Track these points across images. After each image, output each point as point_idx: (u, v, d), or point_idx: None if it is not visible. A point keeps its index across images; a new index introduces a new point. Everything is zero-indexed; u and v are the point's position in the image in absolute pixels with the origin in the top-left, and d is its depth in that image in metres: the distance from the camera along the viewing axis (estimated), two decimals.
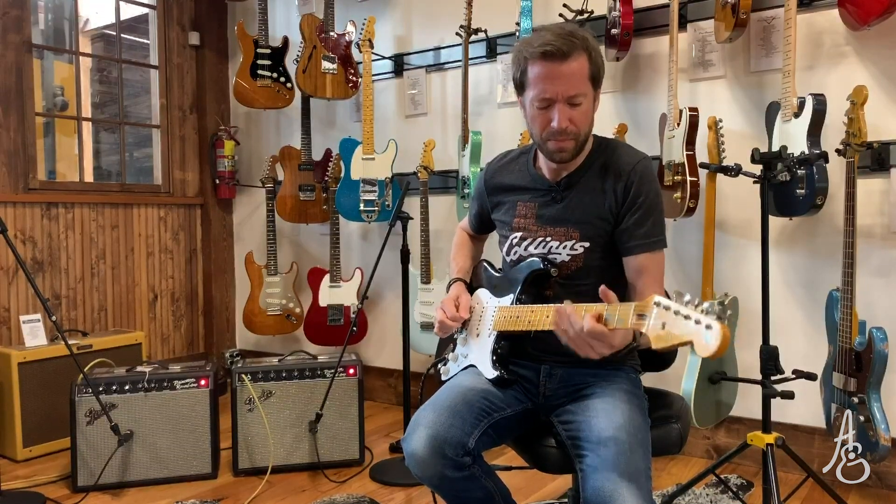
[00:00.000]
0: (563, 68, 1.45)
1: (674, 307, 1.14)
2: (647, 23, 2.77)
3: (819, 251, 2.50)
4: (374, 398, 3.66)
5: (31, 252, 3.33)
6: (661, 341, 1.15)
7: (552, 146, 1.52)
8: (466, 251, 1.88)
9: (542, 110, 1.50)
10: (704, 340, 1.07)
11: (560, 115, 1.48)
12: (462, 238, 1.92)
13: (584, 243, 1.56)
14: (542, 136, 1.53)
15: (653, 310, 1.18)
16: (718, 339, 1.05)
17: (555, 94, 1.47)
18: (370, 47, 3.28)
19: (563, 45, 1.44)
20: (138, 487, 2.54)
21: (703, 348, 1.07)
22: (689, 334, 1.10)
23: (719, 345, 1.05)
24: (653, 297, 1.19)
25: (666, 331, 1.14)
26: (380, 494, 2.45)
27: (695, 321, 1.09)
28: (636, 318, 1.21)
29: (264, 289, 3.62)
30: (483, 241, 1.94)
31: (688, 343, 1.11)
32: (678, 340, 1.12)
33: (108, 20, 4.23)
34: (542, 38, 1.46)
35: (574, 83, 1.46)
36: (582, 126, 1.51)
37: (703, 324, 1.08)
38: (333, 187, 3.40)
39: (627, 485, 1.27)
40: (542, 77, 1.47)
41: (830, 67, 2.46)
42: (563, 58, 1.45)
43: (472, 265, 1.85)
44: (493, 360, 1.57)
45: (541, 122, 1.51)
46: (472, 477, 1.46)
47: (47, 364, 2.90)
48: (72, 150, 4.17)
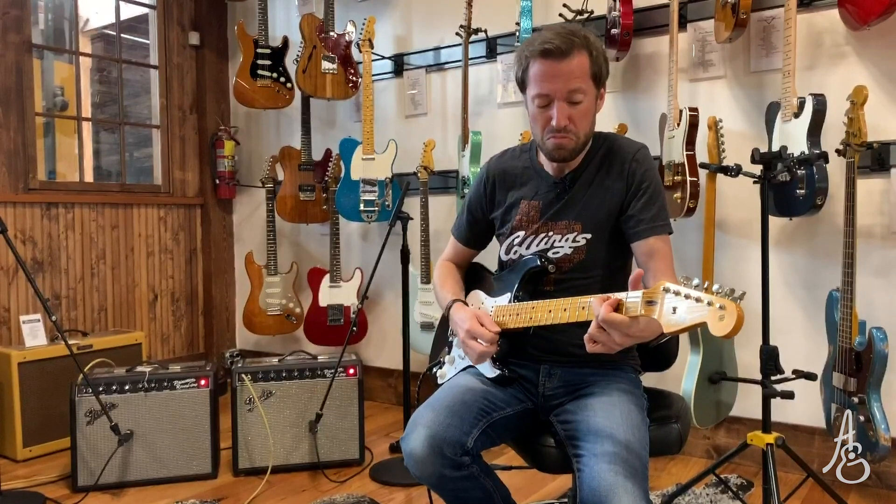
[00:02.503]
0: (562, 66, 1.46)
1: (684, 291, 1.13)
2: (647, 23, 2.77)
3: (819, 251, 2.50)
4: (374, 398, 3.66)
5: (31, 252, 3.33)
6: (673, 326, 1.13)
7: (551, 144, 1.53)
8: (453, 280, 1.76)
9: (543, 108, 1.51)
10: (719, 321, 1.07)
11: (559, 112, 1.49)
12: (445, 270, 1.80)
13: (587, 235, 1.57)
14: (543, 134, 1.53)
15: (662, 296, 1.17)
16: (734, 318, 1.05)
17: (553, 91, 1.48)
18: (370, 47, 3.28)
19: (562, 44, 1.45)
20: (138, 487, 2.54)
21: (718, 328, 1.07)
22: (703, 316, 1.09)
23: (735, 323, 1.05)
24: (661, 283, 1.18)
25: (678, 315, 1.13)
26: (380, 494, 2.45)
27: (707, 303, 1.09)
28: (646, 306, 1.19)
29: (264, 289, 3.63)
30: (465, 268, 1.84)
31: (701, 325, 1.10)
32: (691, 323, 1.11)
33: (108, 20, 4.22)
34: (542, 36, 1.48)
35: (573, 81, 1.47)
36: (582, 125, 1.51)
37: (717, 304, 1.08)
38: (333, 187, 3.40)
39: (624, 484, 1.27)
40: (541, 74, 1.48)
41: (830, 67, 2.46)
42: (562, 56, 1.45)
43: (462, 289, 1.75)
44: (492, 358, 1.56)
45: (541, 120, 1.52)
46: (471, 476, 1.45)
47: (47, 364, 2.90)
48: (72, 150, 4.17)
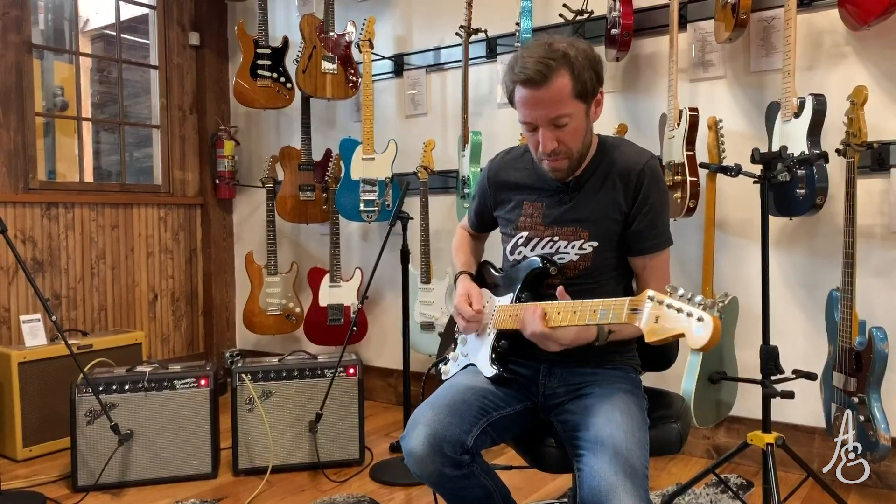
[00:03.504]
0: (540, 94, 1.44)
1: (666, 301, 1.17)
2: (647, 23, 2.77)
3: (819, 251, 2.50)
4: (374, 398, 3.66)
5: (31, 252, 3.33)
6: (654, 334, 1.17)
7: (546, 166, 1.55)
8: (468, 248, 1.88)
9: (531, 133, 1.52)
10: (696, 332, 1.10)
11: (544, 139, 1.48)
12: (462, 237, 1.91)
13: (594, 243, 1.56)
14: (537, 155, 1.55)
15: (646, 304, 1.21)
16: (710, 331, 1.08)
17: (535, 120, 1.47)
18: (370, 47, 3.28)
19: (536, 73, 1.41)
20: (138, 487, 2.54)
21: (694, 340, 1.10)
22: (682, 327, 1.12)
23: (710, 336, 1.08)
24: (646, 291, 1.22)
25: (659, 324, 1.17)
26: (380, 494, 2.45)
27: (686, 314, 1.12)
28: (630, 313, 1.24)
29: (264, 289, 3.63)
30: (483, 240, 1.94)
31: (680, 335, 1.13)
32: (671, 333, 1.15)
33: (108, 20, 4.23)
34: (521, 61, 1.44)
35: (554, 107, 1.44)
36: (573, 144, 1.50)
37: (695, 316, 1.11)
38: (333, 187, 3.40)
39: (624, 483, 1.27)
40: (522, 103, 1.48)
41: (830, 67, 2.46)
42: (539, 84, 1.43)
43: (476, 261, 1.85)
44: (492, 357, 1.57)
45: (532, 142, 1.54)
46: (471, 475, 1.46)
47: (47, 364, 2.90)
48: (72, 150, 4.17)
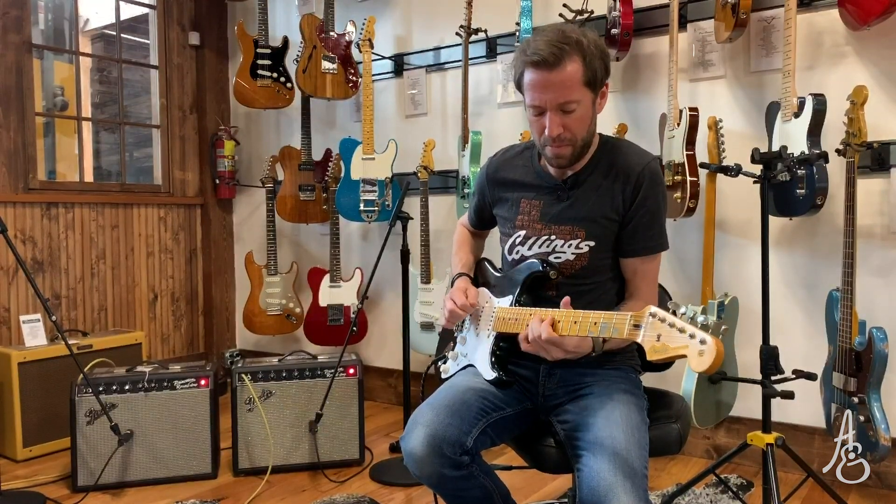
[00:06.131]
0: (552, 77, 1.44)
1: (669, 319, 1.14)
2: (647, 23, 2.77)
3: (819, 251, 2.50)
4: (374, 398, 3.66)
5: (31, 252, 3.33)
6: (656, 353, 1.15)
7: (549, 152, 1.53)
8: (468, 247, 1.87)
9: (537, 117, 1.51)
10: (699, 355, 1.08)
11: (551, 123, 1.47)
12: (463, 235, 1.91)
13: (590, 242, 1.56)
14: (540, 141, 1.53)
15: (648, 320, 1.18)
16: (713, 356, 1.07)
17: (544, 102, 1.47)
18: (370, 47, 3.28)
19: (550, 55, 1.42)
20: (138, 487, 2.54)
21: (696, 364, 1.08)
22: (685, 349, 1.11)
23: (713, 361, 1.07)
24: (648, 307, 1.19)
25: (662, 343, 1.15)
26: (380, 494, 2.45)
27: (689, 335, 1.10)
28: (632, 328, 1.22)
29: (264, 289, 3.62)
30: (484, 237, 1.94)
31: (682, 356, 1.12)
32: (673, 353, 1.13)
33: (108, 20, 4.23)
34: (534, 44, 1.45)
35: (564, 92, 1.45)
36: (578, 131, 1.50)
37: (698, 338, 1.09)
38: (333, 187, 3.40)
39: (623, 484, 1.27)
40: (532, 85, 1.47)
41: (830, 67, 2.46)
42: (551, 66, 1.43)
43: (475, 261, 1.85)
44: (491, 361, 1.57)
45: (537, 127, 1.52)
46: (471, 476, 1.46)
47: (47, 364, 2.89)
48: (72, 150, 4.17)
